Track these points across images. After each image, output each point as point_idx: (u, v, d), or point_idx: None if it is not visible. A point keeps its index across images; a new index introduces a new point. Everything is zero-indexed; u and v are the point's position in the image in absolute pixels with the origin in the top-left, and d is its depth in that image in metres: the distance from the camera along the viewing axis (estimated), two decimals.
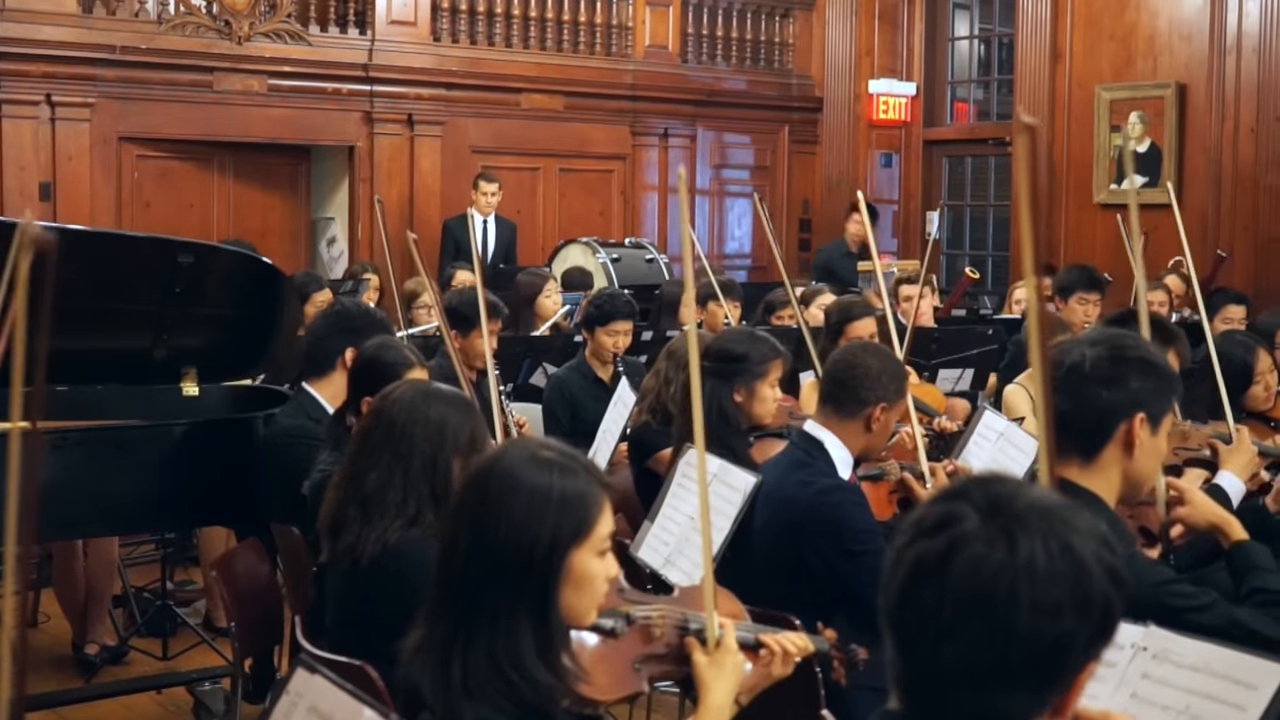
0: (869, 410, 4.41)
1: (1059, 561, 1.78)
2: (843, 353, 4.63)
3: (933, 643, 1.79)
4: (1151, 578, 3.12)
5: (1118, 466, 3.16)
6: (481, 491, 2.61)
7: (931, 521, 1.83)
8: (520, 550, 2.54)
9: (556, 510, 2.56)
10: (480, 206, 11.74)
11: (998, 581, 1.76)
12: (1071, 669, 1.81)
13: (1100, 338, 3.25)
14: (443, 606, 2.58)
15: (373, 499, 3.55)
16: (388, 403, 3.69)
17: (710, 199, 14.49)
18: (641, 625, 2.83)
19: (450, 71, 12.64)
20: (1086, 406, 3.13)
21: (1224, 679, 2.58)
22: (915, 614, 1.81)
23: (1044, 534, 1.79)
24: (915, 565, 1.81)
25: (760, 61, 14.81)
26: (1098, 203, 12.85)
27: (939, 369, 7.67)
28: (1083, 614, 1.78)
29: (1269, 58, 11.74)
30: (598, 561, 2.62)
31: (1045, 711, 1.82)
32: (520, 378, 7.79)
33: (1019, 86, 13.48)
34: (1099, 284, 8.17)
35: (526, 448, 2.67)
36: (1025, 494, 1.84)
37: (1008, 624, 1.76)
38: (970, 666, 1.77)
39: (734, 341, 5.33)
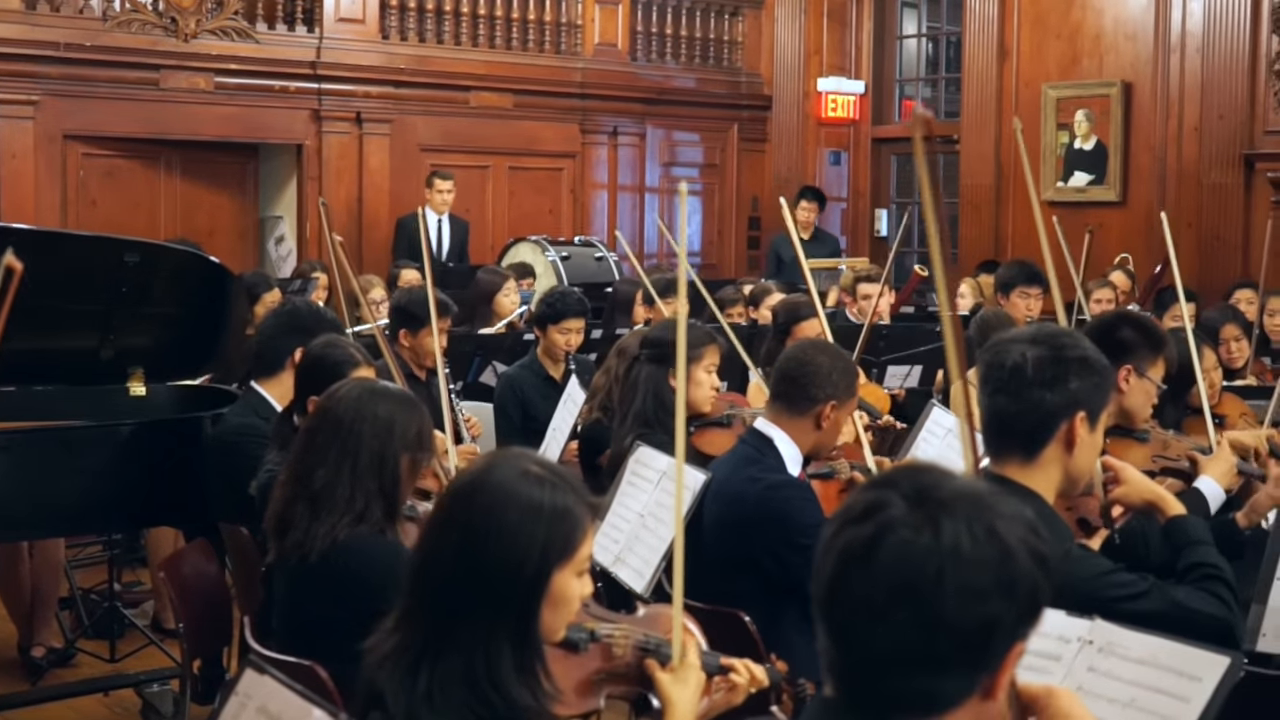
0: (819, 408, 4.43)
1: (984, 545, 1.80)
2: (794, 350, 4.64)
3: (862, 628, 1.82)
4: (1089, 570, 3.14)
5: (1058, 464, 3.19)
6: (470, 505, 2.57)
7: (859, 510, 1.85)
8: (509, 567, 2.50)
9: (546, 528, 2.53)
10: (435, 204, 11.72)
11: (924, 566, 1.78)
12: (999, 650, 1.83)
13: (1040, 336, 3.27)
14: (416, 615, 2.54)
15: (321, 496, 3.54)
16: (334, 400, 3.68)
17: (659, 197, 14.49)
18: (604, 643, 2.82)
19: (399, 69, 12.60)
20: (1029, 409, 3.16)
21: (1168, 671, 2.60)
22: (845, 600, 1.84)
23: (969, 519, 1.81)
24: (844, 552, 1.84)
25: (709, 60, 14.83)
26: (1044, 200, 12.92)
27: (888, 366, 7.71)
28: (1009, 596, 1.81)
29: (1212, 57, 11.84)
30: (577, 582, 2.60)
31: (976, 692, 1.84)
32: (470, 376, 7.77)
33: (966, 85, 13.54)
34: (1039, 278, 8.22)
35: (517, 463, 2.62)
36: (951, 481, 1.87)
37: (935, 607, 1.78)
38: (900, 650, 1.80)
39: (666, 330, 5.38)
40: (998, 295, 8.17)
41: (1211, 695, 2.53)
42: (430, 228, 11.66)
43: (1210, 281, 10.80)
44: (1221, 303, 8.51)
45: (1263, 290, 8.43)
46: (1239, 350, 7.19)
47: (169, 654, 6.15)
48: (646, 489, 4.56)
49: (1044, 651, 2.72)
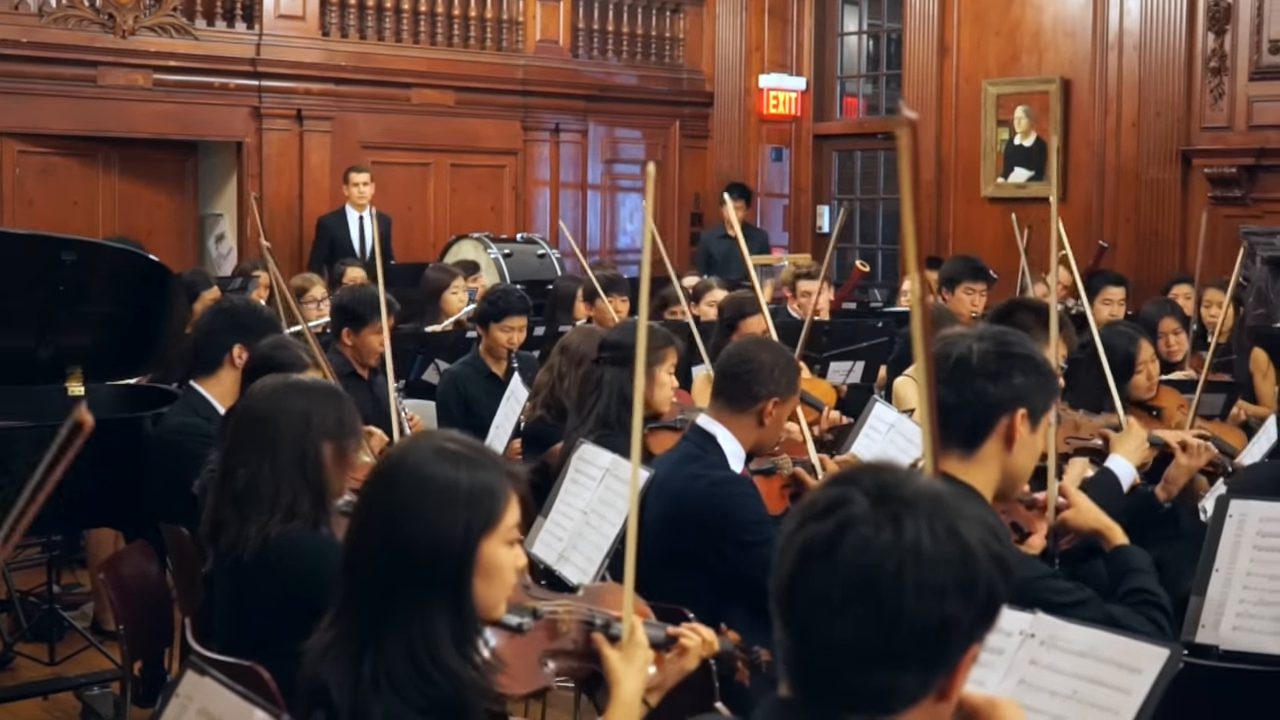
0: (761, 404, 4.44)
1: (945, 545, 1.81)
2: (735, 347, 4.66)
3: (821, 623, 1.82)
4: (1029, 572, 3.16)
5: (997, 461, 3.21)
6: (389, 489, 2.60)
7: (820, 506, 1.86)
8: (433, 546, 2.53)
9: (466, 504, 2.56)
10: (354, 199, 11.65)
11: (884, 563, 1.79)
12: (956, 650, 1.84)
13: (987, 333, 3.30)
14: (352, 605, 2.56)
15: (245, 496, 3.53)
16: (250, 399, 3.69)
17: (601, 194, 14.49)
18: (548, 621, 2.83)
19: (339, 66, 12.54)
20: (971, 400, 3.18)
21: (1109, 663, 2.62)
22: (804, 596, 1.84)
23: (930, 518, 1.82)
24: (804, 548, 1.84)
25: (651, 56, 14.83)
26: (985, 196, 13.00)
27: (830, 362, 7.73)
28: (967, 597, 1.81)
29: (1150, 54, 11.94)
30: (507, 551, 2.63)
31: (931, 693, 1.85)
32: (413, 374, 7.75)
33: (907, 81, 13.61)
34: (983, 274, 8.29)
35: (431, 442, 2.67)
36: (913, 480, 1.88)
37: (894, 605, 1.78)
38: (858, 647, 1.80)
39: (626, 332, 5.38)
40: (942, 291, 8.21)
41: (1151, 686, 2.56)
42: (352, 225, 11.60)
43: (1148, 276, 10.89)
44: (1159, 297, 8.58)
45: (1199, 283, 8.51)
46: (1177, 344, 7.26)
47: (109, 656, 6.10)
48: (590, 486, 4.56)
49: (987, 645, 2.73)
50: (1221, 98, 11.59)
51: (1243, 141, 11.46)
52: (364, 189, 11.69)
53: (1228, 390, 6.84)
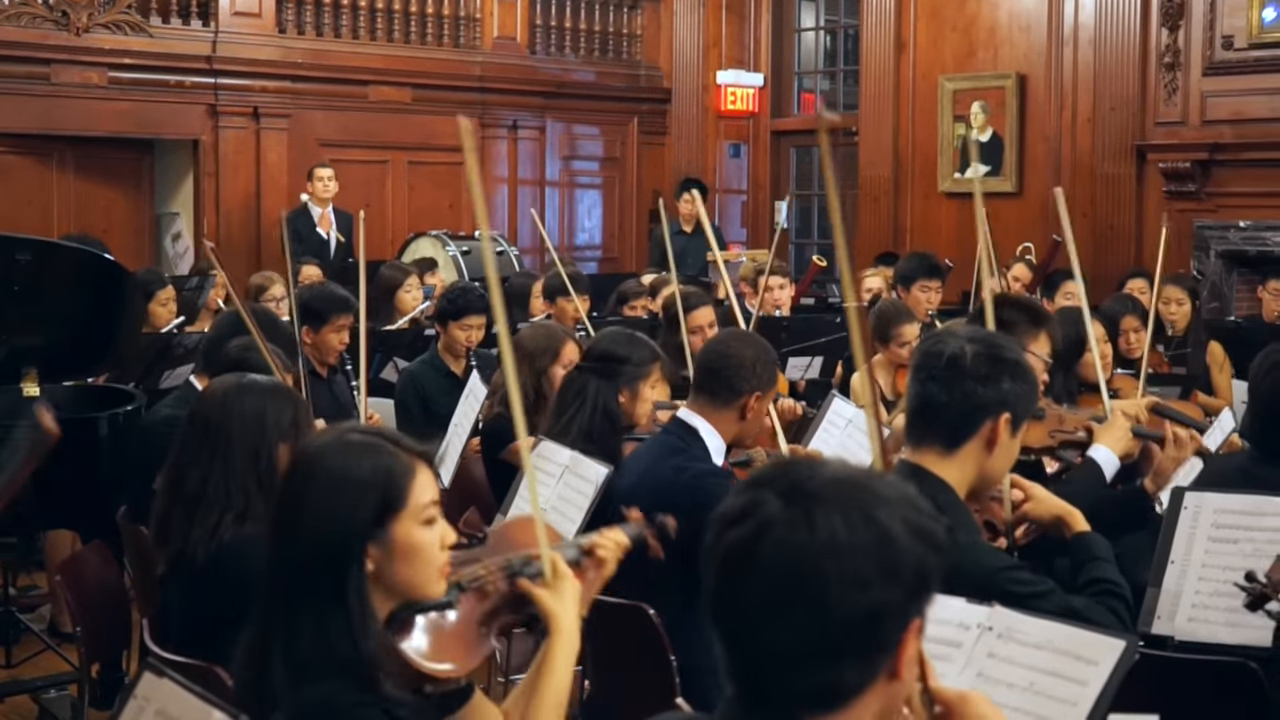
0: (743, 399, 4.46)
1: (861, 533, 1.80)
2: (717, 342, 4.68)
3: (753, 631, 1.81)
4: (994, 562, 3.19)
5: (975, 461, 3.25)
6: (290, 482, 2.64)
7: (735, 513, 1.85)
8: (333, 534, 2.55)
9: (356, 491, 2.57)
10: (318, 195, 11.61)
11: (803, 561, 1.78)
12: (893, 633, 1.83)
13: (978, 336, 3.34)
14: (268, 594, 2.59)
15: (195, 498, 3.52)
16: (203, 401, 3.67)
17: (560, 191, 14.49)
18: (473, 588, 2.83)
19: (296, 64, 12.49)
20: (960, 399, 3.22)
21: (1066, 655, 2.64)
22: (732, 605, 1.84)
23: (843, 508, 1.81)
24: (725, 558, 1.84)
25: (609, 53, 14.83)
26: (942, 191, 13.05)
27: (788, 357, 7.75)
28: (893, 579, 1.81)
29: (1104, 49, 12.01)
30: (424, 530, 2.63)
31: (879, 677, 1.84)
32: (371, 372, 7.72)
33: (864, 77, 13.64)
34: (939, 271, 8.33)
35: (332, 433, 2.71)
36: (822, 471, 1.86)
37: (821, 601, 1.78)
38: (792, 648, 1.80)
39: (615, 343, 5.33)
40: (898, 288, 8.24)
41: (1108, 678, 2.57)
42: (316, 222, 11.57)
43: (1104, 271, 10.95)
44: (1118, 293, 8.62)
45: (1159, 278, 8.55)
46: (1138, 341, 7.27)
47: (66, 659, 6.07)
48: (549, 483, 4.56)
49: (944, 639, 2.75)
50: (1175, 93, 11.67)
51: (1196, 136, 11.54)
52: (328, 184, 11.66)
53: (1182, 383, 6.89)
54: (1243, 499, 3.67)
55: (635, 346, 5.30)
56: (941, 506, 3.21)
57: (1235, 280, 11.43)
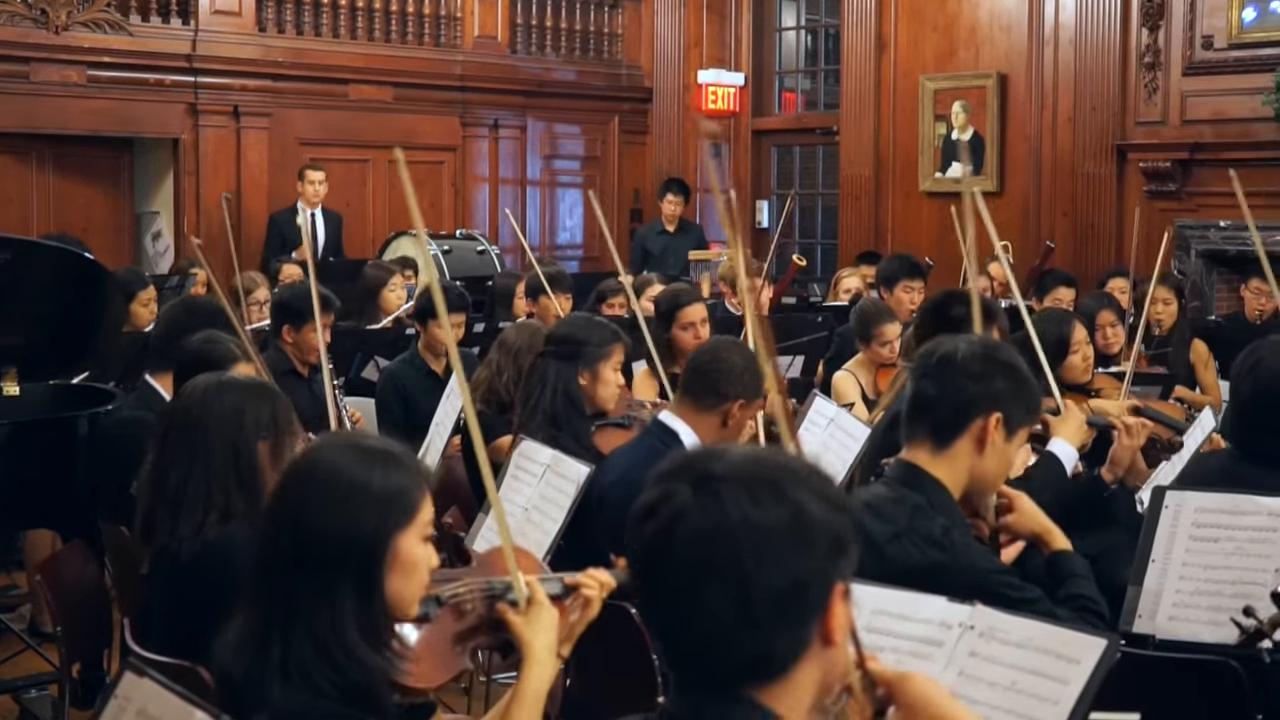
0: (727, 405, 4.47)
1: (771, 508, 1.85)
2: (707, 346, 4.70)
3: (680, 617, 1.87)
4: (985, 562, 3.20)
5: (966, 461, 3.27)
6: (302, 485, 2.63)
7: (648, 507, 1.90)
8: (343, 541, 2.56)
9: (378, 504, 2.59)
10: (308, 197, 11.60)
11: (719, 543, 1.84)
12: (818, 599, 1.88)
13: (977, 339, 3.40)
14: (261, 597, 2.58)
15: (177, 496, 3.51)
16: (182, 398, 3.67)
17: (541, 190, 14.47)
18: (452, 604, 2.84)
19: (276, 62, 12.45)
20: (950, 394, 3.25)
21: (1047, 654, 2.65)
22: (657, 597, 1.90)
23: (749, 486, 1.86)
24: (644, 552, 1.89)
25: (589, 52, 14.82)
26: (923, 191, 13.07)
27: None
28: (809, 547, 1.86)
29: (1085, 49, 12.03)
30: (422, 548, 2.66)
31: (812, 643, 1.89)
32: (352, 371, 7.72)
33: (845, 77, 13.65)
34: (921, 272, 8.35)
35: (345, 441, 2.71)
36: (726, 454, 1.92)
37: (741, 581, 1.83)
38: (722, 628, 1.84)
39: (574, 327, 5.40)
40: (880, 288, 8.25)
41: (1089, 676, 2.58)
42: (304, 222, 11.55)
43: (1085, 270, 10.98)
44: (1096, 290, 8.65)
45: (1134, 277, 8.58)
46: (1114, 336, 7.32)
47: (47, 658, 6.04)
48: (530, 482, 4.56)
49: (926, 638, 2.76)
50: (1156, 93, 11.70)
51: (1176, 136, 11.57)
52: (319, 188, 11.64)
53: (1163, 381, 6.91)
54: (1224, 498, 3.68)
55: (594, 329, 5.35)
56: (936, 505, 3.23)
57: (1216, 279, 11.47)
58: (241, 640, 2.57)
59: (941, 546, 3.16)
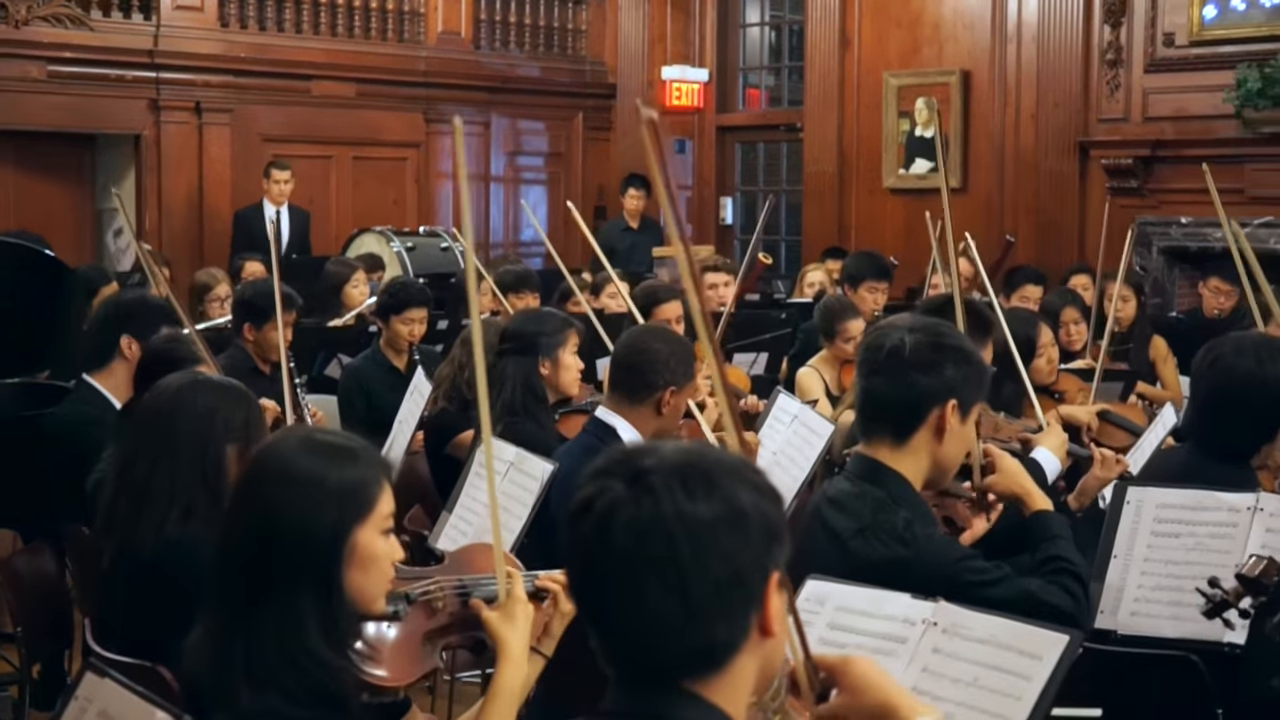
0: (659, 394, 4.48)
1: (705, 500, 1.86)
2: (630, 338, 4.70)
3: (619, 612, 1.87)
4: (949, 554, 3.20)
5: (927, 450, 3.28)
6: (258, 482, 2.62)
7: (583, 504, 1.91)
8: (301, 538, 2.54)
9: (335, 496, 2.57)
10: (273, 195, 11.56)
11: (654, 536, 1.84)
12: (755, 588, 1.89)
13: (919, 325, 3.36)
14: (222, 598, 2.56)
15: (142, 492, 3.49)
16: (154, 394, 3.65)
17: (505, 186, 14.45)
18: (423, 602, 2.82)
19: (239, 58, 12.40)
20: (904, 390, 3.25)
21: (1010, 650, 2.66)
22: (594, 592, 1.90)
23: (683, 478, 1.87)
24: (580, 549, 1.90)
25: (554, 48, 14.80)
26: (887, 187, 13.09)
27: (733, 353, 7.76)
28: (743, 538, 1.87)
29: (1048, 46, 12.08)
30: (382, 541, 2.64)
31: (750, 633, 1.90)
32: (315, 369, 7.69)
33: (809, 73, 13.66)
34: (887, 273, 8.37)
35: (300, 435, 2.70)
36: (658, 450, 1.93)
37: (678, 573, 1.84)
38: (660, 622, 1.85)
39: (525, 322, 5.46)
40: (845, 287, 8.26)
41: (1052, 672, 2.59)
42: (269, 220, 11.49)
43: (1048, 266, 11.00)
44: (1060, 287, 8.69)
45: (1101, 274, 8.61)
46: (1078, 333, 7.36)
47: (7, 659, 5.99)
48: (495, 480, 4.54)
49: (890, 635, 2.76)
50: (1118, 90, 11.75)
51: (1139, 133, 11.62)
52: (284, 186, 11.60)
53: (1125, 378, 6.95)
54: (1185, 494, 3.70)
55: (545, 320, 5.42)
56: (898, 498, 3.24)
57: (1177, 276, 11.53)
58: (204, 642, 2.56)
59: (904, 541, 3.16)
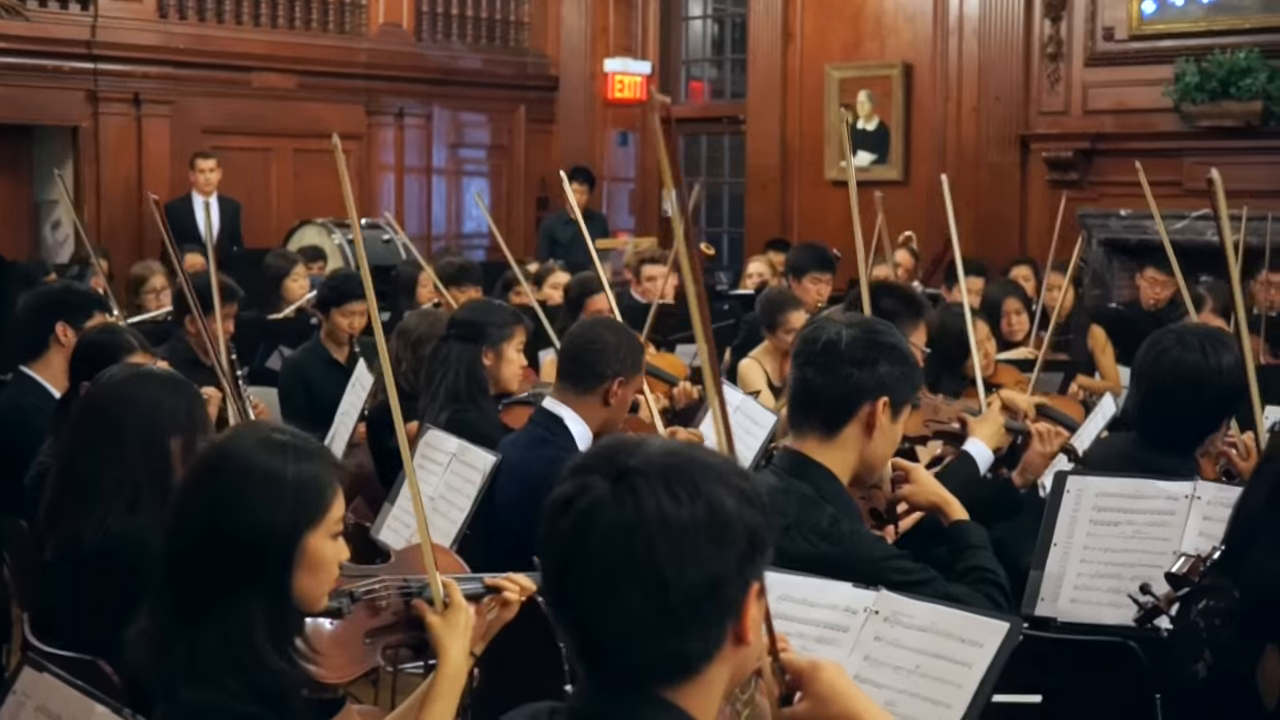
0: (607, 384, 4.47)
1: (688, 505, 1.82)
2: (578, 328, 4.69)
3: (594, 613, 1.83)
4: (876, 553, 3.21)
5: (855, 446, 3.28)
6: (213, 477, 2.59)
7: (563, 499, 1.87)
8: (255, 537, 2.52)
9: (292, 496, 2.55)
10: (200, 186, 11.45)
11: (635, 538, 1.80)
12: (734, 598, 1.86)
13: (856, 320, 3.38)
14: (168, 593, 2.54)
15: (87, 484, 3.46)
16: (98, 385, 3.63)
17: (447, 179, 14.41)
18: (366, 601, 2.81)
19: (178, 49, 12.30)
20: (836, 384, 3.24)
21: (951, 637, 2.67)
22: (569, 591, 1.86)
23: (668, 481, 1.83)
24: (557, 545, 1.86)
25: (496, 40, 14.76)
26: (828, 180, 13.13)
27: (676, 344, 7.76)
28: (726, 546, 1.84)
29: (989, 39, 12.15)
30: (332, 545, 2.63)
31: (725, 643, 1.87)
32: (256, 361, 7.64)
33: (752, 66, 13.69)
34: (830, 264, 8.38)
35: (258, 431, 2.67)
36: (644, 449, 1.89)
37: (656, 578, 1.80)
38: (635, 626, 1.82)
39: (475, 311, 5.45)
40: (788, 278, 8.27)
41: (992, 659, 2.61)
42: (198, 211, 11.40)
43: (989, 258, 11.07)
44: (1001, 278, 8.75)
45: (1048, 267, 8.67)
46: (1019, 323, 7.41)
47: None
48: (436, 471, 4.54)
49: (832, 623, 2.77)
50: (1058, 83, 11.84)
51: (1079, 126, 11.71)
52: (210, 175, 11.49)
53: (1065, 369, 7.00)
54: (1124, 482, 3.73)
55: (495, 311, 5.42)
56: (824, 494, 3.24)
57: (1116, 268, 11.62)
58: (147, 636, 2.53)
59: (830, 539, 3.16)
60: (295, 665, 2.56)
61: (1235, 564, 3.01)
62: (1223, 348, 3.96)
